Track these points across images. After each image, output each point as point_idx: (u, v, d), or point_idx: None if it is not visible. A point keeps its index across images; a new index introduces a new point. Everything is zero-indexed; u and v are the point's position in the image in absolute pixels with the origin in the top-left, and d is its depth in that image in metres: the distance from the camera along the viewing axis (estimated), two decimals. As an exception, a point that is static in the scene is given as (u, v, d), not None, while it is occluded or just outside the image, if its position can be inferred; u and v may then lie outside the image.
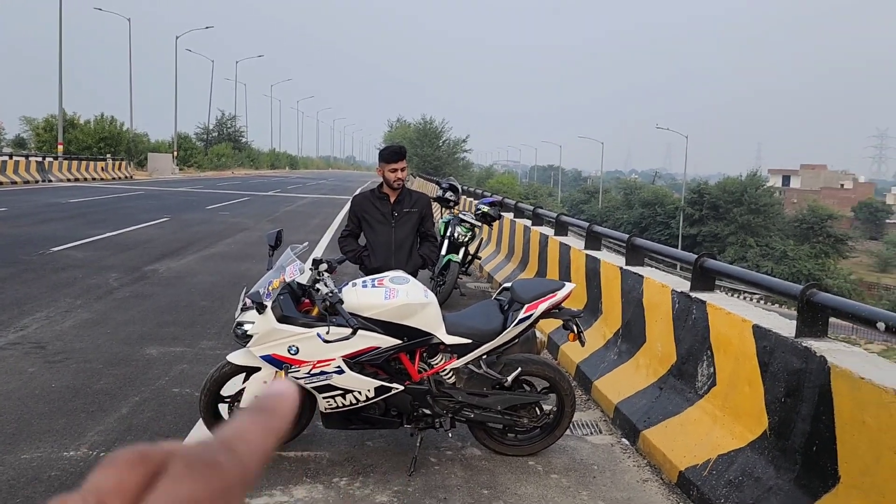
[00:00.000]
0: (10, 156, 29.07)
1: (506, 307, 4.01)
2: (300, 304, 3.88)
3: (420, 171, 53.74)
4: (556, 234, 8.19)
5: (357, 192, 9.56)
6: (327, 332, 3.54)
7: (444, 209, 9.39)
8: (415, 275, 4.91)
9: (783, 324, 3.72)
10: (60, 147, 34.64)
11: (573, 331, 3.98)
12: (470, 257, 8.80)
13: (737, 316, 3.93)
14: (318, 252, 12.57)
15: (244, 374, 3.96)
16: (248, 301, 3.79)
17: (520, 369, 3.98)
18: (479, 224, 8.74)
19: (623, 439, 4.55)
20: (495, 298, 4.22)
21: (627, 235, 5.94)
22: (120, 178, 36.70)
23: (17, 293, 7.98)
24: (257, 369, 3.83)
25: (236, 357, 3.87)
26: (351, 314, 3.61)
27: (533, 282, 4.24)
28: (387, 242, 4.84)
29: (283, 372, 3.74)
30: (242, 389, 3.91)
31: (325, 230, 16.54)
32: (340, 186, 44.72)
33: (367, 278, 3.96)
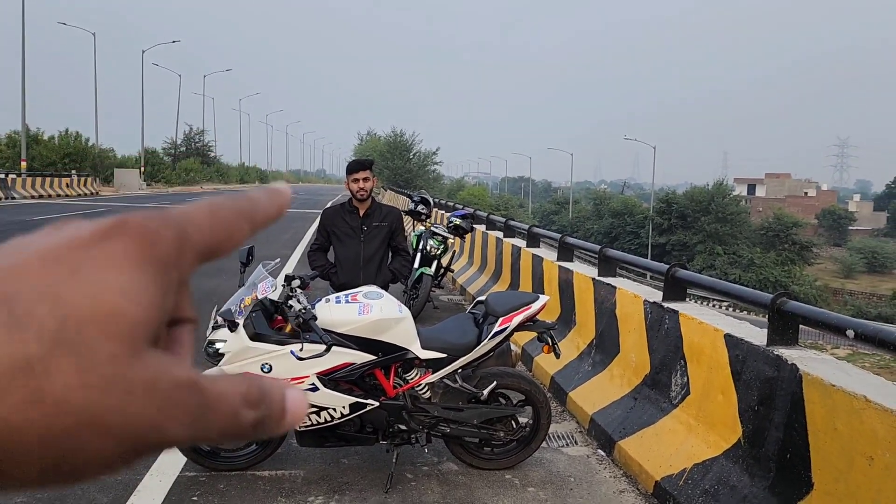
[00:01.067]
0: (-28, 173, 28.46)
1: (480, 321, 4.01)
2: (273, 322, 3.83)
3: (391, 183, 53.73)
4: (528, 246, 8.22)
5: (328, 205, 9.54)
6: (301, 350, 3.50)
7: (416, 222, 9.37)
8: (385, 289, 4.90)
9: (755, 332, 3.76)
10: (24, 164, 33.99)
11: (548, 343, 3.98)
12: (443, 270, 8.80)
13: (709, 325, 3.97)
14: (289, 267, 12.49)
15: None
16: (220, 319, 3.73)
17: (495, 383, 3.97)
18: (452, 237, 8.74)
19: (599, 450, 4.55)
20: (469, 312, 4.21)
21: (599, 247, 5.98)
22: (86, 194, 36.10)
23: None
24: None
25: None
26: (325, 330, 3.58)
27: (507, 295, 4.24)
28: (355, 257, 4.82)
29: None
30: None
31: (295, 245, 16.41)
32: (311, 200, 44.50)
33: (341, 294, 3.92)
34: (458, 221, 8.84)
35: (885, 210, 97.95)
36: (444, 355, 3.85)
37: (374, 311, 3.71)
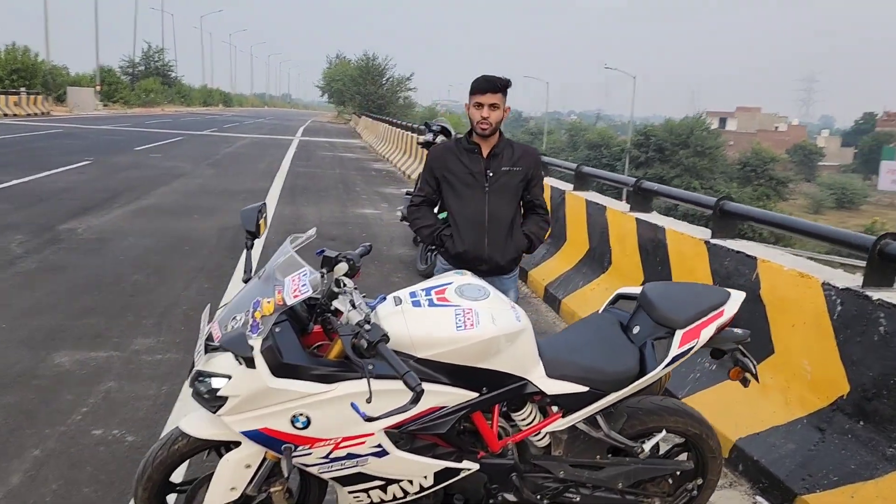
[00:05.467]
0: None
1: (632, 327, 2.53)
2: (306, 335, 2.31)
3: (363, 109, 51.42)
4: (575, 189, 6.71)
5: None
6: (369, 400, 1.97)
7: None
8: (516, 263, 3.46)
9: None
10: (-36, 79, 31.00)
11: (740, 365, 2.53)
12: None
13: None
14: (271, 205, 10.80)
15: (209, 450, 2.38)
16: (217, 331, 2.19)
17: (663, 433, 2.53)
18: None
19: (759, 498, 3.18)
20: (608, 311, 2.73)
21: (716, 199, 4.55)
22: (36, 113, 33.37)
23: None
24: (233, 443, 2.26)
25: (195, 426, 2.28)
26: (400, 355, 2.06)
27: (676, 288, 2.75)
28: (477, 214, 3.28)
29: (282, 455, 2.18)
30: (209, 475, 2.33)
31: (273, 175, 14.65)
32: (281, 126, 42.13)
33: (419, 288, 2.38)
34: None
35: (853, 146, 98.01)
36: (584, 388, 2.38)
37: (482, 323, 2.20)
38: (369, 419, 1.96)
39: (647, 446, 2.50)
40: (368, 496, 2.30)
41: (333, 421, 2.12)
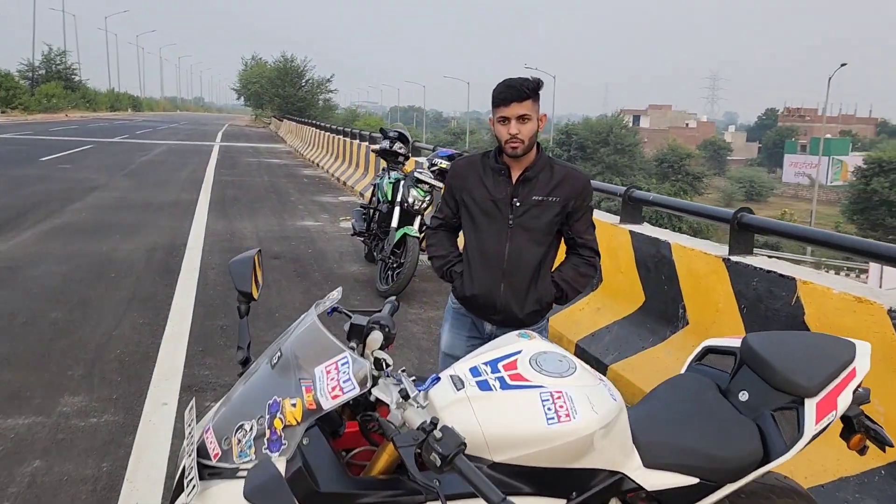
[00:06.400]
0: None
1: (735, 392, 2.01)
2: (334, 437, 1.68)
3: (283, 112, 50.05)
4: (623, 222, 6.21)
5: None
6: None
7: (390, 165, 7.13)
8: (540, 315, 2.75)
9: None
10: None
11: (867, 433, 2.05)
12: (425, 229, 6.65)
13: None
14: (200, 222, 9.93)
15: None
16: (214, 444, 1.54)
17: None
18: (439, 184, 6.59)
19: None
20: (694, 367, 2.20)
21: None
22: (-77, 122, 30.72)
23: None
24: None
25: None
26: (472, 459, 1.47)
27: (789, 339, 2.24)
28: (495, 253, 2.63)
29: None
30: None
31: (198, 185, 13.65)
32: (197, 131, 40.39)
33: (480, 361, 1.78)
34: (443, 164, 6.67)
35: (758, 141, 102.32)
36: (694, 480, 1.84)
37: (579, 411, 1.62)
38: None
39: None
40: None
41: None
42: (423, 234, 6.54)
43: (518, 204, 2.60)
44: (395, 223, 6.45)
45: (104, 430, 3.57)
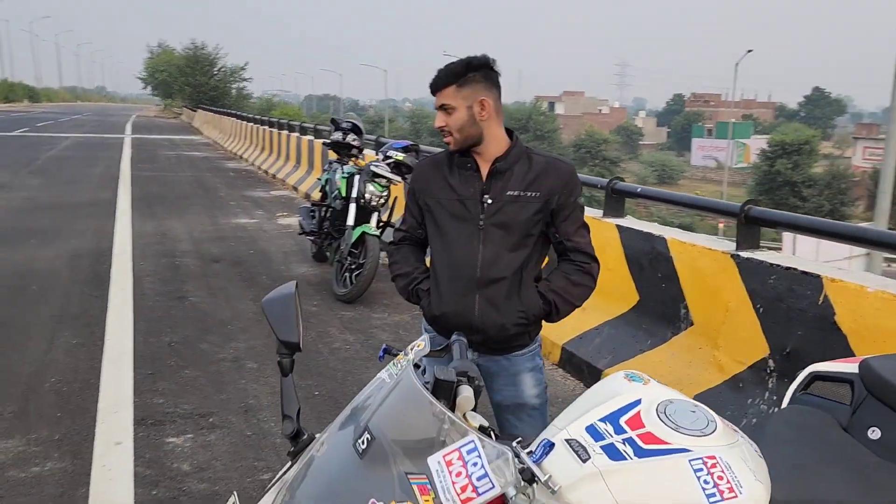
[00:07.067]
0: None
1: (862, 428, 1.73)
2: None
3: (195, 102, 48.09)
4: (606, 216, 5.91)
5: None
6: None
7: (346, 158, 6.64)
8: (528, 336, 2.27)
9: None
10: None
11: None
12: (382, 226, 6.23)
13: None
14: (126, 220, 9.16)
15: None
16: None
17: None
18: (397, 178, 6.17)
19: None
20: (801, 399, 1.90)
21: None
22: None
23: None
24: None
25: None
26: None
27: None
28: (465, 261, 2.17)
29: None
30: None
31: (115, 182, 12.70)
32: (104, 123, 38.29)
33: (595, 417, 1.40)
34: (399, 156, 6.25)
35: (667, 126, 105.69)
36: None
37: (744, 485, 1.28)
38: None
39: None
40: None
41: None
42: (382, 229, 6.12)
43: (490, 201, 2.15)
44: (351, 221, 5.99)
45: (51, 482, 3.02)
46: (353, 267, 5.91)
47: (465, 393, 1.35)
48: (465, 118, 2.11)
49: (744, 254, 3.61)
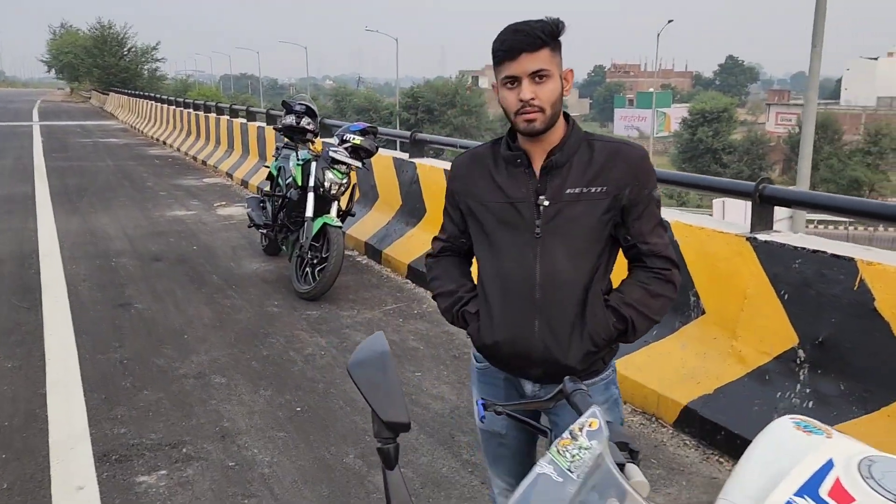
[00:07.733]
0: None
1: None
2: None
3: (104, 85, 45.72)
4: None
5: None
6: None
7: (299, 143, 6.13)
8: (602, 361, 1.85)
9: None
10: None
11: None
12: (342, 214, 5.79)
13: None
14: (48, 217, 8.38)
15: None
16: None
17: None
18: (357, 164, 5.72)
19: None
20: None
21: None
22: None
23: None
24: None
25: None
26: None
27: None
28: (521, 277, 1.76)
29: None
30: None
31: (29, 174, 11.72)
32: (6, 109, 35.91)
33: (784, 492, 1.10)
34: (357, 140, 5.79)
35: (588, 97, 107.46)
36: None
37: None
38: None
39: None
40: None
41: None
42: (341, 220, 5.68)
43: (547, 203, 1.75)
44: (310, 212, 5.53)
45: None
46: (314, 261, 5.47)
47: (637, 477, 1.01)
48: (558, 91, 1.70)
49: (761, 236, 3.38)
